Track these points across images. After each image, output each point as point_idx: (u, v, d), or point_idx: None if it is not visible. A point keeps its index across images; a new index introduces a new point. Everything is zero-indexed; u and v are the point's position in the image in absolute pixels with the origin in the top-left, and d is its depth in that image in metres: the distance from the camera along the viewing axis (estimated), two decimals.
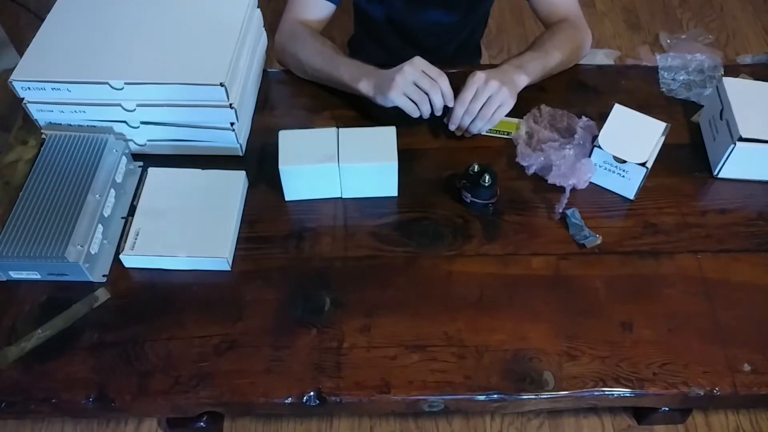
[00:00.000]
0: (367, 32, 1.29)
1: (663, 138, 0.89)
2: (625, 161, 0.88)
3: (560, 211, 0.90)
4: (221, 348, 0.79)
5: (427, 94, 0.92)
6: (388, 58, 1.00)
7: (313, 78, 1.06)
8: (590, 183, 0.93)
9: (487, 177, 0.88)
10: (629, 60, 2.06)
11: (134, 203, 0.88)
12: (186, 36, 0.92)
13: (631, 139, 0.89)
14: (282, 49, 1.08)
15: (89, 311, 0.81)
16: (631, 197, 0.92)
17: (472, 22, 1.26)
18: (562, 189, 0.90)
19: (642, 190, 0.91)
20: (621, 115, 0.92)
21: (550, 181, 0.91)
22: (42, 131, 0.93)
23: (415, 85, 0.92)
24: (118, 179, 0.90)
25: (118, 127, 0.93)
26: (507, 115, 0.96)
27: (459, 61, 1.32)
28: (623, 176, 0.90)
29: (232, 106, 0.89)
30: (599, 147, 0.89)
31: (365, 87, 0.96)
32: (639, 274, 0.85)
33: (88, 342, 0.79)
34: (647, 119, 0.91)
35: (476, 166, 0.89)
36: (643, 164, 0.87)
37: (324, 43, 1.04)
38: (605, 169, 0.91)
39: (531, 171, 0.93)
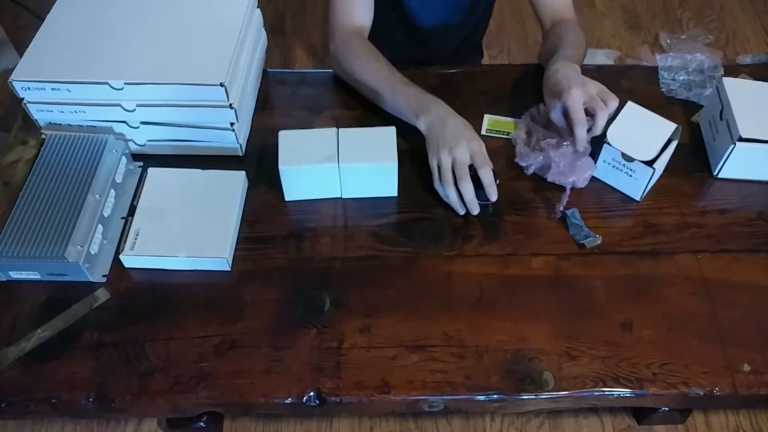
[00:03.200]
0: (373, 30, 1.28)
1: (676, 143, 0.88)
2: (633, 159, 0.88)
3: (561, 210, 0.89)
4: (221, 348, 0.79)
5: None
6: (393, 55, 1.00)
7: (367, 96, 1.02)
8: (595, 181, 0.93)
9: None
10: (629, 60, 2.06)
11: (134, 203, 0.88)
12: (186, 36, 0.92)
13: (641, 138, 0.88)
14: (338, 64, 1.05)
15: (89, 311, 0.81)
16: (638, 198, 0.92)
17: (474, 19, 1.26)
18: (562, 188, 0.90)
19: None
20: (632, 113, 0.91)
21: (550, 179, 0.91)
22: (42, 131, 0.93)
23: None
24: (118, 179, 0.90)
25: (118, 127, 0.93)
26: (506, 115, 0.96)
27: (460, 59, 1.32)
28: (630, 175, 0.90)
29: (232, 106, 0.89)
30: (608, 143, 0.88)
31: (422, 127, 0.93)
32: (639, 274, 0.85)
33: (88, 342, 0.79)
34: (658, 119, 0.90)
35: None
36: (650, 164, 0.86)
37: (379, 62, 1.00)
38: (613, 167, 0.91)
39: (530, 171, 0.93)
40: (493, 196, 0.87)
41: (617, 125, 0.90)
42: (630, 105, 0.92)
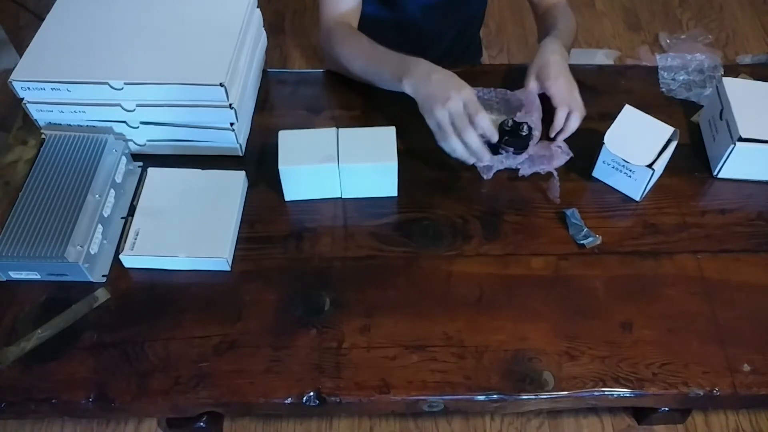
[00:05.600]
0: (362, 28, 1.28)
1: (675, 143, 0.88)
2: (629, 162, 0.88)
3: (557, 196, 0.91)
4: (221, 348, 0.79)
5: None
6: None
7: (360, 80, 1.03)
8: (595, 181, 0.93)
9: (525, 127, 0.88)
10: (629, 60, 2.06)
11: (134, 203, 0.88)
12: (186, 36, 0.92)
13: (638, 141, 0.88)
14: (327, 57, 1.07)
15: (89, 311, 0.81)
16: (638, 198, 0.92)
17: (466, 11, 1.26)
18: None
19: None
20: (630, 117, 0.91)
21: (527, 173, 0.92)
22: (42, 131, 0.93)
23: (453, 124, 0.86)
24: (118, 179, 0.90)
25: (118, 127, 0.93)
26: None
27: (458, 55, 1.31)
28: (630, 176, 0.90)
29: (232, 106, 0.89)
30: (606, 148, 0.89)
31: (409, 90, 0.92)
32: (639, 274, 0.85)
33: (88, 342, 0.79)
34: (656, 122, 0.91)
35: (510, 121, 0.89)
36: (649, 165, 0.87)
37: (360, 41, 1.01)
38: (612, 167, 0.91)
39: (491, 174, 0.93)
40: (494, 137, 0.87)
41: (615, 129, 0.90)
42: (627, 108, 0.92)
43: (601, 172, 0.93)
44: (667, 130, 0.90)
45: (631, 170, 0.89)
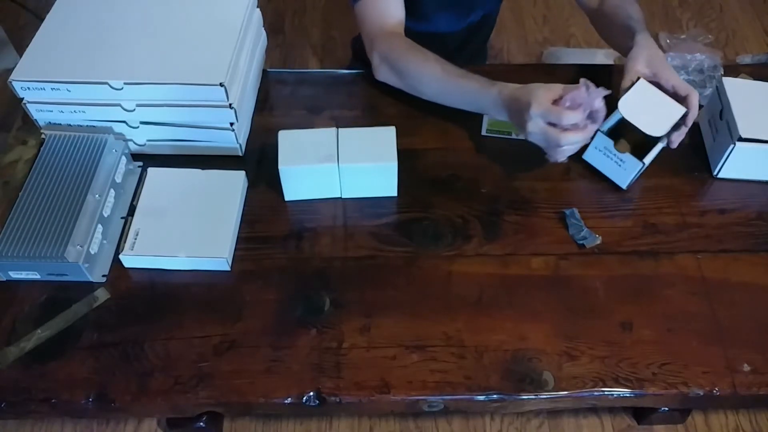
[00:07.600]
0: None
1: (663, 145, 0.89)
2: (624, 152, 0.89)
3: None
4: (221, 348, 0.79)
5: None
6: None
7: (423, 96, 0.99)
8: (595, 182, 0.94)
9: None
10: None
11: (134, 203, 0.88)
12: (186, 36, 0.92)
13: (651, 114, 0.88)
14: (387, 70, 0.99)
15: (89, 311, 0.81)
16: (624, 187, 0.92)
17: (475, 22, 1.26)
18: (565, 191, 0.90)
19: (642, 189, 0.92)
20: (643, 90, 0.90)
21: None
22: (42, 131, 0.93)
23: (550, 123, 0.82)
24: (118, 179, 0.90)
25: (118, 127, 0.93)
26: None
27: (465, 56, 1.31)
28: (619, 165, 0.91)
29: (232, 106, 0.89)
30: (602, 133, 0.89)
31: (499, 116, 0.91)
32: (639, 274, 0.85)
33: (88, 342, 0.79)
34: (668, 99, 0.89)
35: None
36: (640, 159, 0.87)
37: (427, 60, 0.95)
38: (604, 154, 0.92)
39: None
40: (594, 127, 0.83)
41: (628, 98, 0.89)
42: (642, 82, 0.90)
43: (591, 156, 0.94)
44: (680, 109, 0.88)
45: (621, 160, 0.89)
